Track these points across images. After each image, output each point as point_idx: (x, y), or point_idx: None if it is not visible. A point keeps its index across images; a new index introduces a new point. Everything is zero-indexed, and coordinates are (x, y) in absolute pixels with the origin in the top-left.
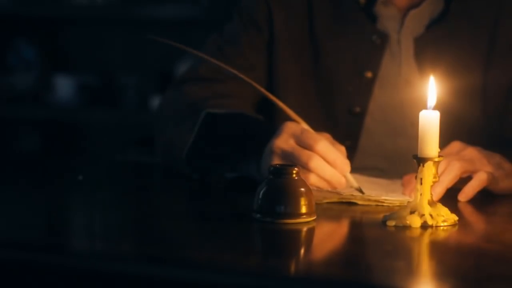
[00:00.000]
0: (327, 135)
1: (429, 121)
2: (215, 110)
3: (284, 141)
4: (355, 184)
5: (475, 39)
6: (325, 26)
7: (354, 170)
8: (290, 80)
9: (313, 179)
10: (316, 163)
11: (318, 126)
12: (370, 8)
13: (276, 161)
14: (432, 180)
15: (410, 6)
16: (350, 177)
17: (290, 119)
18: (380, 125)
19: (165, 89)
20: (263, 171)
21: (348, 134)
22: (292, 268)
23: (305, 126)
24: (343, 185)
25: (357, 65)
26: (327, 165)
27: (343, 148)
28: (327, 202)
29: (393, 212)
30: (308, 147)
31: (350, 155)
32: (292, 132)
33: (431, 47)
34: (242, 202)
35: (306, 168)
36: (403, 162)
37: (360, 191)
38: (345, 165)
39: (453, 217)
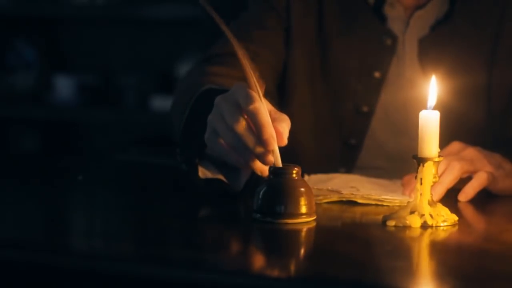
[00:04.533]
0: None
1: (429, 121)
2: (209, 86)
3: (223, 97)
4: (279, 163)
5: (479, 40)
6: (335, 24)
7: (357, 169)
8: (300, 74)
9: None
10: (239, 126)
11: (324, 123)
12: (379, 9)
13: (212, 115)
14: (432, 180)
15: (416, 7)
16: (277, 152)
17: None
18: (384, 124)
19: (165, 89)
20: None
21: (353, 133)
22: (292, 268)
23: (257, 91)
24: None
25: (366, 65)
26: (251, 131)
27: (285, 116)
28: (327, 202)
29: (393, 212)
30: (242, 105)
31: (355, 154)
32: (234, 89)
33: (435, 48)
34: (241, 202)
35: (230, 127)
36: (406, 162)
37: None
38: (271, 135)
39: (453, 217)
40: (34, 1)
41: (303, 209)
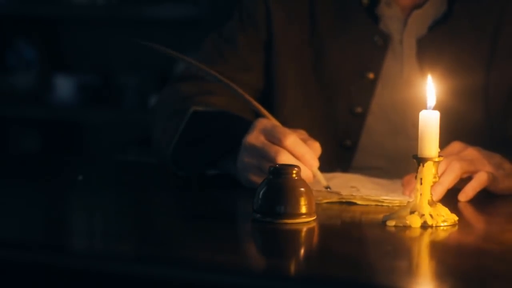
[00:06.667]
0: (302, 131)
1: (429, 121)
2: (200, 107)
3: (254, 137)
4: (324, 182)
5: (478, 40)
6: (328, 25)
7: (354, 169)
8: (290, 79)
9: None
10: (283, 157)
11: (318, 125)
12: (373, 9)
13: (247, 157)
14: (432, 180)
15: (413, 7)
16: (319, 173)
17: (292, 120)
18: (381, 125)
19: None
20: (238, 168)
21: (348, 133)
22: (292, 268)
23: (276, 122)
24: (311, 181)
25: (359, 66)
26: (295, 160)
27: (317, 144)
28: (327, 202)
29: (393, 212)
30: (277, 142)
31: (350, 155)
32: (263, 128)
33: (433, 48)
34: (241, 202)
35: (274, 162)
36: (403, 162)
37: (328, 188)
38: (313, 160)
39: (453, 217)
40: (34, 1)
41: (303, 209)
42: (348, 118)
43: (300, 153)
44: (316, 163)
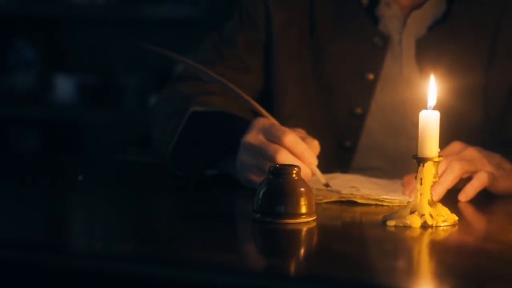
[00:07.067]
0: (301, 130)
1: (429, 121)
2: (200, 108)
3: (253, 136)
4: (323, 180)
5: (477, 40)
6: (327, 26)
7: (354, 170)
8: (290, 80)
9: None
10: (282, 156)
11: (318, 125)
12: (372, 9)
13: (246, 156)
14: (432, 180)
15: (412, 7)
16: (318, 171)
17: (291, 119)
18: (381, 125)
19: None
20: (237, 168)
21: (348, 134)
22: (292, 268)
23: (275, 121)
24: (309, 178)
25: (358, 66)
26: (294, 158)
27: (315, 142)
28: (327, 202)
29: (393, 212)
30: (276, 141)
31: (350, 155)
32: (262, 127)
33: (432, 48)
34: (241, 202)
35: (273, 161)
36: (403, 162)
37: (327, 186)
38: (312, 158)
39: (453, 217)
40: (34, 1)
41: (303, 209)
42: (347, 119)
43: (299, 151)
44: (315, 161)
